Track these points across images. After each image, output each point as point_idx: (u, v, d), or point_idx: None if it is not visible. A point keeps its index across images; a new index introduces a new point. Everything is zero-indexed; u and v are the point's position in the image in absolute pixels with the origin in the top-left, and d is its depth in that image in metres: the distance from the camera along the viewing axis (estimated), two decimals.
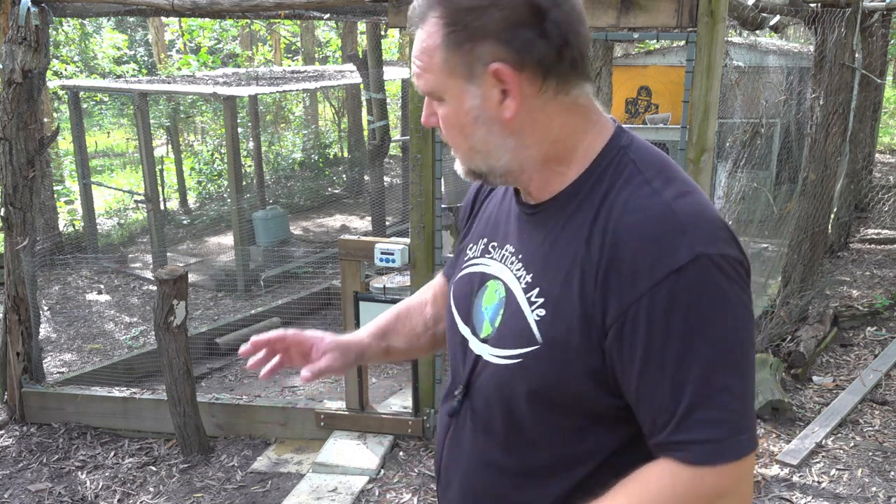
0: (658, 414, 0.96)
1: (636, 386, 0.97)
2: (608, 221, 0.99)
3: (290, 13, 4.09)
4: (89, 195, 7.52)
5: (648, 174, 1.02)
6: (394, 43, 16.63)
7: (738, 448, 0.93)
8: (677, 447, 0.94)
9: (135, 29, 19.52)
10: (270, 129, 11.75)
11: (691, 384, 0.93)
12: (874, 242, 6.99)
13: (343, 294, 3.66)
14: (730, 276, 0.94)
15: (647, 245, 0.95)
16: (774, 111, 7.34)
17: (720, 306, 0.94)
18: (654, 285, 0.93)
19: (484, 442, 1.16)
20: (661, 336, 0.93)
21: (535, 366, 1.05)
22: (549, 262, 1.06)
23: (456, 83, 1.02)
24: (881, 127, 9.66)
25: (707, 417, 0.93)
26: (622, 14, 2.88)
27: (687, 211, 0.96)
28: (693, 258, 0.92)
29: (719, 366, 0.93)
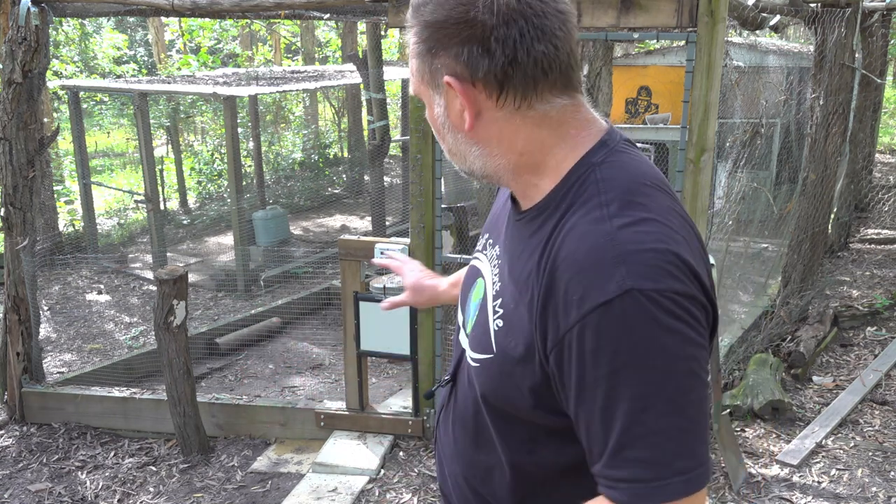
0: (592, 445, 0.95)
1: (574, 413, 0.97)
2: (554, 245, 0.98)
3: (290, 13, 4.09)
4: (89, 195, 7.52)
5: (606, 196, 0.98)
6: (394, 43, 16.63)
7: (669, 490, 0.89)
8: (608, 483, 0.93)
9: (135, 29, 19.52)
10: (270, 129, 11.76)
11: (619, 421, 0.90)
12: (874, 242, 6.99)
13: (343, 294, 3.66)
14: (668, 312, 0.89)
15: (579, 275, 0.92)
16: (774, 111, 7.34)
17: (650, 343, 0.89)
18: (581, 317, 0.91)
19: (461, 434, 1.22)
20: (589, 370, 0.91)
21: (487, 373, 1.09)
22: (512, 276, 1.08)
23: (427, 91, 1.08)
24: (881, 127, 9.66)
25: (635, 457, 0.90)
26: (622, 14, 2.88)
27: (631, 240, 0.92)
28: (622, 292, 0.89)
29: (650, 405, 0.89)
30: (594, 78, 4.22)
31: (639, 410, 0.89)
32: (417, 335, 3.54)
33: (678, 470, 0.89)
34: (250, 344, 5.50)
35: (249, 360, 5.29)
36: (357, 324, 3.60)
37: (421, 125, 3.33)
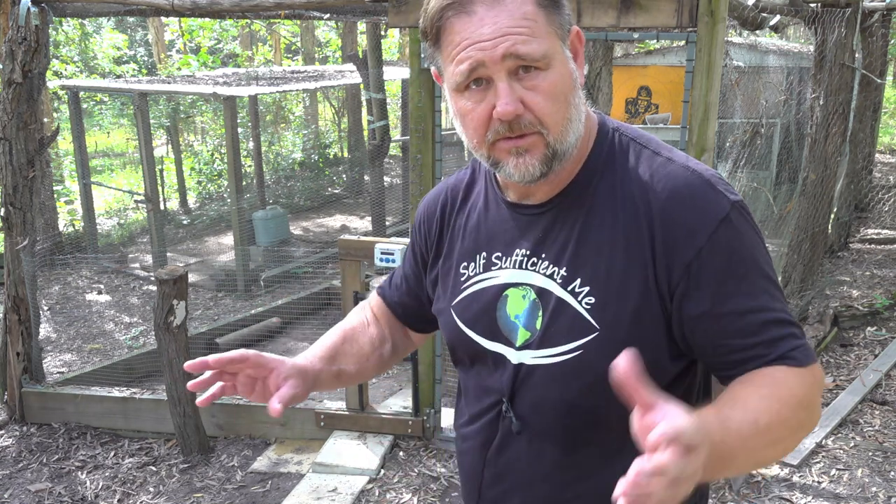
0: (749, 346, 1.02)
1: (716, 331, 1.03)
2: (644, 194, 1.05)
3: (290, 13, 4.09)
4: (89, 195, 7.52)
5: (652, 147, 1.10)
6: (394, 43, 16.63)
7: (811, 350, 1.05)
8: (785, 357, 1.02)
9: (135, 29, 19.52)
10: (270, 129, 11.75)
11: (766, 312, 1.02)
12: (874, 242, 6.99)
13: (343, 294, 3.66)
14: (750, 215, 1.07)
15: (691, 205, 1.03)
16: (774, 111, 7.34)
17: (756, 240, 1.06)
18: (709, 237, 1.01)
19: (541, 449, 1.14)
20: (728, 280, 1.02)
21: (598, 352, 1.05)
22: (584, 252, 1.07)
23: (559, 45, 1.03)
24: (881, 127, 9.66)
25: (788, 332, 1.03)
26: (622, 14, 2.88)
27: (702, 169, 1.07)
28: (731, 206, 1.03)
29: (774, 289, 1.05)
30: (594, 78, 4.23)
31: (771, 298, 1.04)
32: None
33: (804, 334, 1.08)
34: (250, 344, 5.50)
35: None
36: None
37: (421, 125, 3.33)
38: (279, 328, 5.77)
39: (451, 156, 8.71)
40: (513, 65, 0.98)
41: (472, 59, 0.99)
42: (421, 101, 3.29)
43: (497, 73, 0.99)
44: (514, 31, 0.97)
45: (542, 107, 1.00)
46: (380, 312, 1.44)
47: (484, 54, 0.98)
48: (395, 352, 1.43)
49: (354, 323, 1.41)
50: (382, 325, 1.42)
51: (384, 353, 1.39)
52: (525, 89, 1.00)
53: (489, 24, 0.97)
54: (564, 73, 1.02)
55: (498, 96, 0.99)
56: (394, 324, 1.44)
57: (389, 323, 1.44)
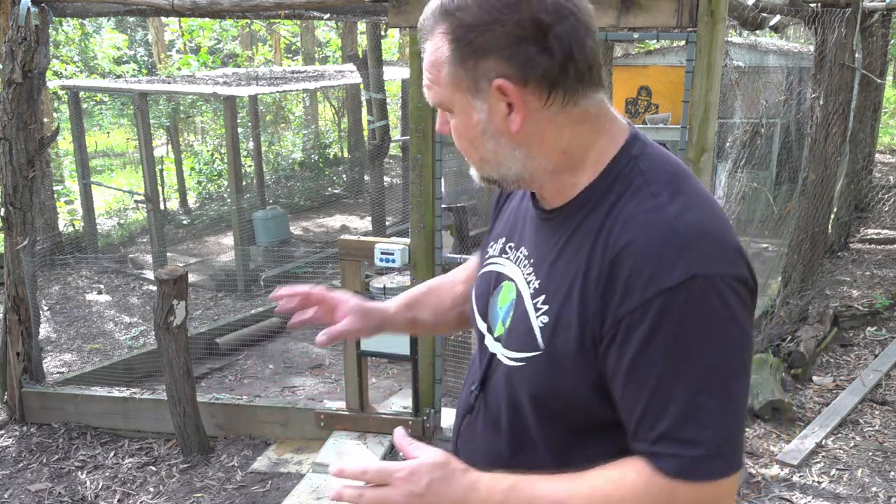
0: (640, 423, 0.97)
1: (621, 394, 0.99)
2: (611, 235, 1.00)
3: (290, 13, 4.09)
4: (89, 195, 7.52)
5: (655, 187, 1.01)
6: (394, 43, 16.63)
7: (714, 469, 0.94)
8: (656, 457, 0.96)
9: (135, 29, 19.52)
10: (270, 129, 11.75)
11: (675, 404, 0.93)
12: (874, 242, 6.99)
13: None
14: (727, 299, 0.93)
15: (644, 261, 0.95)
16: (774, 111, 7.34)
17: (712, 329, 0.93)
18: (645, 301, 0.93)
19: (493, 437, 1.19)
20: (649, 351, 0.94)
21: (536, 371, 1.07)
22: (555, 270, 1.07)
23: (463, 97, 1.03)
24: (881, 127, 9.66)
25: (687, 437, 0.93)
26: (622, 14, 2.88)
27: (691, 227, 0.95)
28: (688, 278, 0.92)
29: (706, 387, 0.93)
30: None
31: (694, 392, 0.93)
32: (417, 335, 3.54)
33: (723, 452, 0.94)
34: (250, 344, 5.50)
35: (249, 360, 5.29)
36: None
37: (421, 125, 3.33)
38: (279, 328, 5.77)
39: (452, 156, 8.69)
40: None
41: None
42: (421, 101, 3.29)
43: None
44: (424, 75, 1.06)
45: (455, 140, 1.10)
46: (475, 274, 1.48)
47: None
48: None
49: (446, 278, 1.52)
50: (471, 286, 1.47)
51: (463, 312, 1.44)
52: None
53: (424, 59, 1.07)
54: (467, 123, 1.05)
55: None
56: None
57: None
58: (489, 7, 0.97)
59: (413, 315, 1.44)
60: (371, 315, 1.38)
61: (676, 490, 0.94)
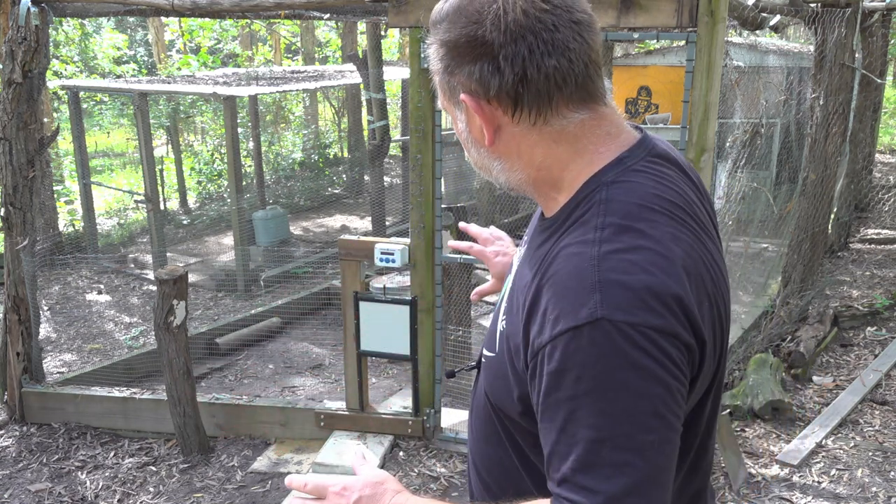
0: (549, 462, 0.95)
1: (539, 428, 0.98)
2: (547, 261, 0.99)
3: (290, 13, 4.09)
4: (89, 195, 7.52)
5: (606, 219, 0.96)
6: (394, 43, 16.63)
7: None
8: (558, 499, 0.92)
9: (135, 29, 19.52)
10: (270, 129, 11.75)
11: (576, 447, 0.90)
12: (874, 242, 6.99)
13: (343, 294, 3.66)
14: (637, 346, 0.87)
15: (557, 295, 0.93)
16: (774, 111, 7.34)
17: (618, 376, 0.88)
18: (553, 338, 0.91)
19: (476, 424, 1.26)
20: (553, 390, 0.92)
21: (488, 371, 1.14)
22: (519, 282, 1.08)
23: (450, 106, 1.09)
24: (881, 127, 9.66)
25: (586, 485, 0.88)
26: (622, 14, 2.88)
27: (613, 269, 0.91)
28: (592, 321, 0.88)
29: (607, 437, 0.88)
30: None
31: (595, 440, 0.88)
32: (417, 335, 3.54)
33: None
34: (250, 344, 5.50)
35: (249, 360, 5.29)
36: (357, 324, 3.60)
37: (421, 125, 3.33)
38: (279, 328, 5.77)
39: (452, 156, 8.70)
40: None
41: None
42: (421, 101, 3.29)
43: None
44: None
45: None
46: None
47: None
48: None
49: None
50: None
51: None
52: None
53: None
54: (459, 130, 1.10)
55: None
56: None
57: None
58: (454, 23, 0.99)
59: None
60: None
61: None
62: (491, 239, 1.58)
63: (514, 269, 1.19)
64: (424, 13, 3.12)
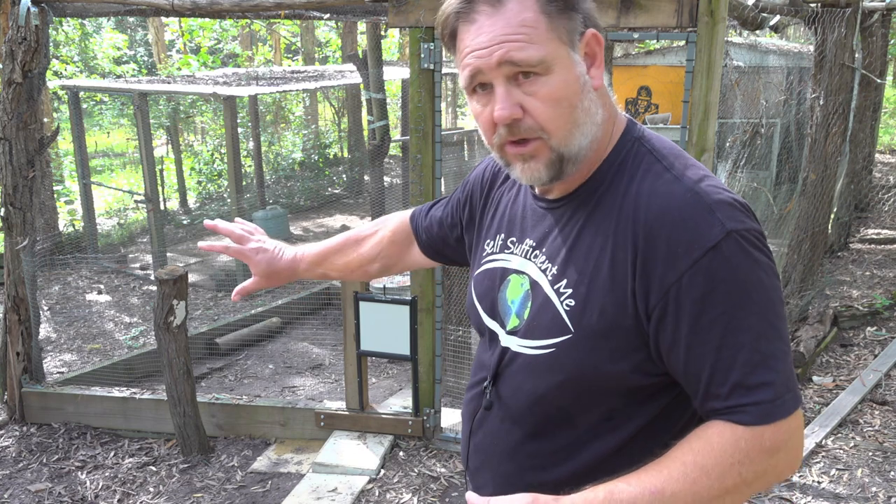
0: (710, 382, 0.99)
1: (684, 360, 1.01)
2: (637, 211, 1.02)
3: (290, 13, 4.09)
4: (89, 195, 7.52)
5: (666, 162, 1.06)
6: (394, 43, 16.63)
7: (788, 406, 0.98)
8: (734, 411, 0.98)
9: (135, 29, 19.52)
10: (270, 129, 11.75)
11: (741, 353, 0.97)
12: (874, 242, 6.99)
13: (343, 294, 3.66)
14: (758, 248, 0.99)
15: (679, 227, 0.99)
16: (774, 111, 7.34)
17: (756, 277, 0.98)
18: (693, 263, 0.97)
19: (510, 429, 1.19)
20: (706, 311, 0.97)
21: (569, 354, 1.08)
22: (575, 255, 1.08)
23: (565, 50, 1.03)
24: (881, 127, 9.66)
25: (759, 381, 0.97)
26: (622, 14, 2.88)
27: (710, 192, 1.01)
28: (726, 234, 0.97)
29: (763, 332, 0.97)
30: None
31: (756, 339, 0.97)
32: (417, 335, 3.54)
33: (790, 387, 0.99)
34: (250, 344, 5.50)
35: (249, 360, 5.29)
36: (357, 324, 3.60)
37: (421, 125, 3.33)
38: (279, 328, 5.77)
39: (452, 156, 8.71)
40: (510, 71, 1.01)
41: (471, 67, 1.03)
42: (421, 101, 3.29)
43: (495, 78, 1.02)
44: (510, 39, 1.00)
45: (542, 112, 1.03)
46: (395, 232, 1.56)
47: (481, 62, 1.02)
48: (386, 270, 1.61)
49: (358, 234, 1.59)
50: (385, 244, 1.56)
51: (370, 271, 1.59)
52: (525, 94, 1.03)
53: (486, 32, 1.01)
54: (568, 79, 1.03)
55: (496, 101, 1.03)
56: (403, 245, 1.57)
57: (399, 242, 1.56)
58: None
59: (322, 271, 1.60)
60: (279, 276, 1.58)
61: (762, 435, 0.97)
62: (245, 236, 1.57)
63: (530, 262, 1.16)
64: (424, 13, 3.12)
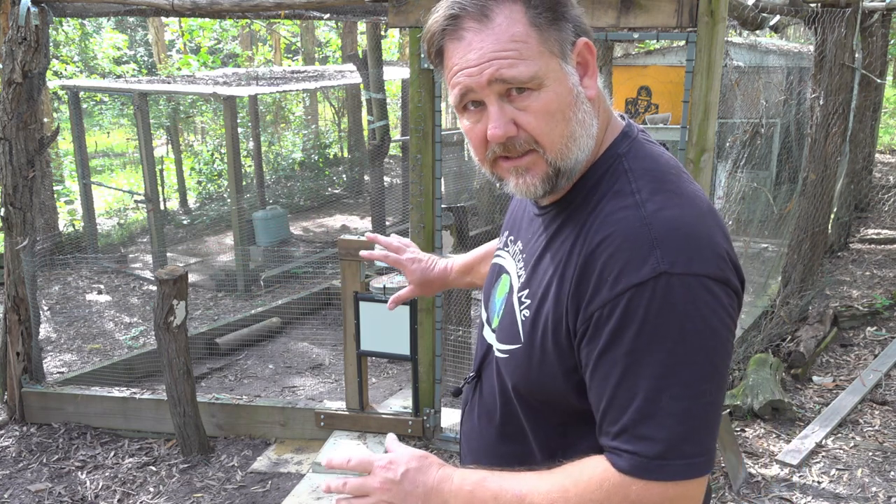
0: (603, 418, 0.97)
1: (591, 388, 0.99)
2: (589, 232, 1.00)
3: (290, 13, 4.09)
4: (89, 195, 7.52)
5: (636, 185, 1.00)
6: (394, 43, 16.63)
7: (670, 470, 0.91)
8: (614, 452, 0.95)
9: (135, 29, 19.52)
10: (270, 129, 11.75)
11: (635, 399, 0.92)
12: (874, 242, 6.99)
13: (343, 294, 3.66)
14: (698, 299, 0.91)
15: (615, 256, 0.94)
16: (774, 111, 7.34)
17: (678, 329, 0.91)
18: (614, 297, 0.93)
19: (486, 426, 1.22)
20: (613, 347, 0.93)
21: (516, 363, 1.09)
22: (540, 266, 1.08)
23: (556, 63, 1.00)
24: (881, 127, 9.67)
25: (644, 434, 0.91)
26: (622, 14, 2.88)
27: (664, 225, 0.94)
28: (655, 276, 0.91)
29: (667, 386, 0.91)
30: None
31: (655, 390, 0.91)
32: (417, 335, 3.54)
33: (683, 454, 0.91)
34: (250, 344, 5.50)
35: (249, 360, 5.29)
36: (357, 324, 3.60)
37: (421, 125, 3.33)
38: (279, 328, 5.77)
39: (452, 156, 8.71)
40: (501, 88, 0.99)
41: (461, 85, 1.01)
42: (421, 101, 3.29)
43: (486, 97, 1.00)
44: (499, 56, 0.98)
45: (535, 126, 1.00)
46: None
47: (471, 80, 1.00)
48: None
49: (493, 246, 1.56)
50: None
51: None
52: (518, 110, 1.01)
53: (476, 49, 0.99)
54: (561, 91, 1.00)
55: (489, 119, 1.01)
56: None
57: None
58: None
59: (470, 280, 1.59)
60: (432, 285, 1.57)
61: (629, 487, 0.92)
62: (402, 247, 1.59)
63: (514, 264, 1.18)
64: (424, 13, 3.12)
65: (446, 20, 1.00)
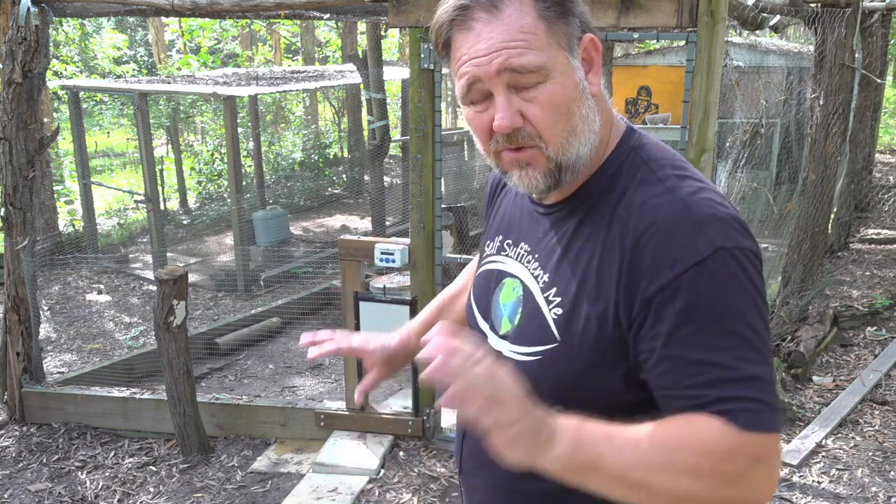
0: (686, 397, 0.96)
1: (660, 372, 0.98)
2: (626, 222, 1.01)
3: (290, 13, 4.09)
4: (89, 195, 7.52)
5: (661, 174, 1.04)
6: (394, 43, 16.63)
7: (773, 422, 0.95)
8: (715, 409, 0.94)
9: (135, 29, 19.53)
10: (270, 129, 11.75)
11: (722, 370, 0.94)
12: (874, 242, 6.99)
13: (343, 294, 3.66)
14: (747, 268, 0.97)
15: (666, 241, 0.97)
16: (774, 111, 7.34)
17: (740, 297, 0.96)
18: (675, 277, 0.95)
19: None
20: (684, 326, 0.95)
21: (553, 363, 1.07)
22: (565, 263, 1.08)
23: (564, 56, 1.01)
24: (881, 127, 9.66)
25: (743, 394, 0.94)
26: (622, 14, 2.88)
27: (702, 207, 0.99)
28: (713, 251, 0.95)
29: (743, 354, 0.95)
30: None
31: (734, 359, 0.94)
32: None
33: (773, 408, 0.95)
34: (250, 344, 5.50)
35: (249, 360, 5.29)
36: (357, 324, 3.60)
37: (421, 125, 3.33)
38: (279, 328, 5.77)
39: (452, 156, 8.70)
40: (510, 78, 1.00)
41: (468, 75, 1.01)
42: (421, 101, 3.29)
43: (494, 87, 1.01)
44: (508, 46, 0.98)
45: (541, 119, 1.01)
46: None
47: (479, 70, 1.00)
48: None
49: (455, 288, 1.53)
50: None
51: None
52: (524, 101, 1.01)
53: (485, 39, 0.99)
54: (567, 84, 1.01)
55: (496, 109, 1.02)
56: None
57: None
58: None
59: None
60: (396, 361, 1.44)
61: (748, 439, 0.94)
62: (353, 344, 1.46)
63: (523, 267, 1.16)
64: (424, 13, 3.12)
65: (456, 10, 1.01)
